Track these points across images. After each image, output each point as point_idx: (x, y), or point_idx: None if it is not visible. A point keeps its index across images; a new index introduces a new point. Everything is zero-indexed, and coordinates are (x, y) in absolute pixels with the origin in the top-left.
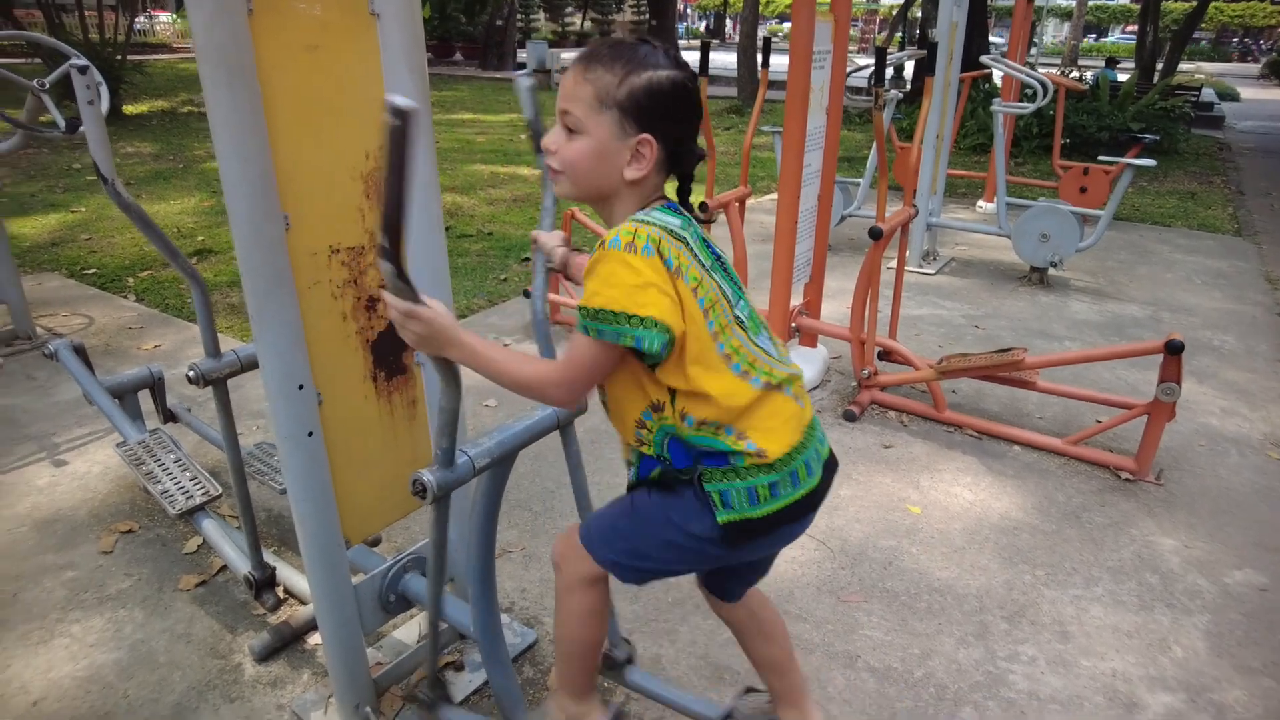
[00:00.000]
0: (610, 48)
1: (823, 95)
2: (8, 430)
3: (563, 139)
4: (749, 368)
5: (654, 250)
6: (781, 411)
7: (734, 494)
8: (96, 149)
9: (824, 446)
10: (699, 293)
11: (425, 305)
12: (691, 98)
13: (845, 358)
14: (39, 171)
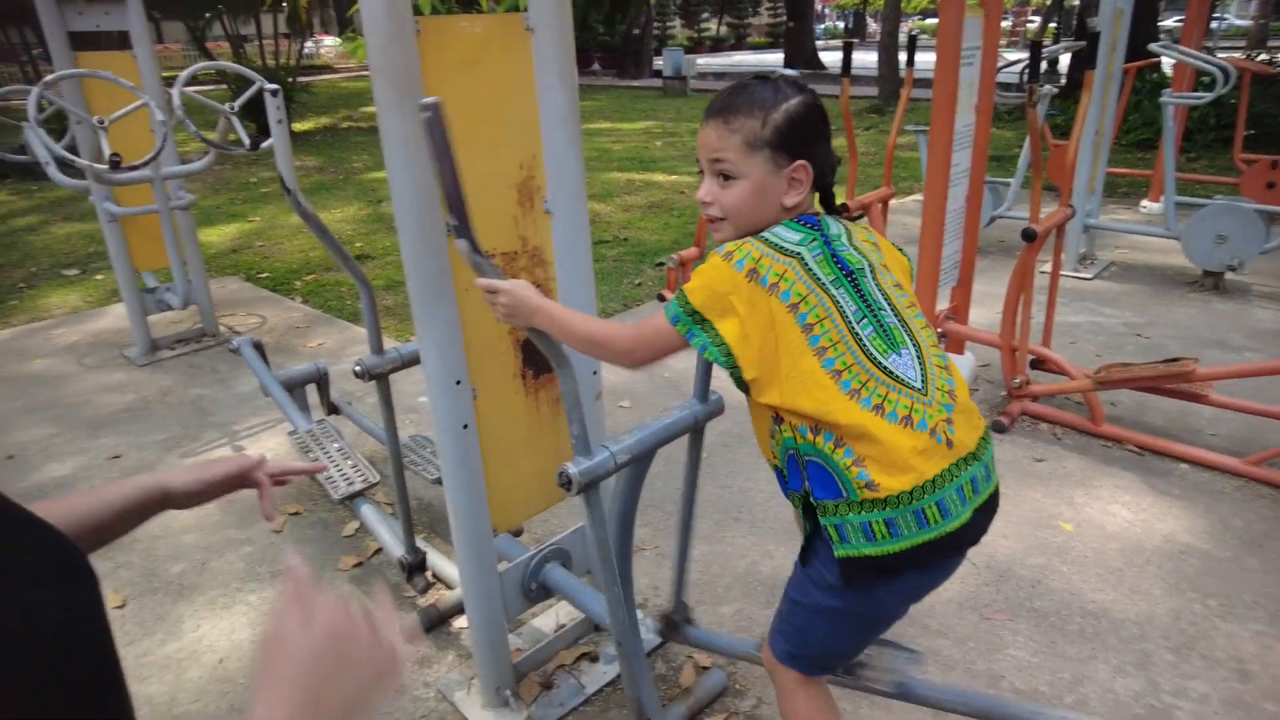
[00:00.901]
0: (743, 94)
1: (971, 93)
2: (197, 417)
3: (717, 189)
4: (860, 387)
5: (745, 266)
6: (905, 444)
7: (849, 529)
8: (282, 162)
9: (984, 486)
10: (800, 309)
11: (505, 280)
12: (822, 113)
13: (994, 366)
14: (223, 186)
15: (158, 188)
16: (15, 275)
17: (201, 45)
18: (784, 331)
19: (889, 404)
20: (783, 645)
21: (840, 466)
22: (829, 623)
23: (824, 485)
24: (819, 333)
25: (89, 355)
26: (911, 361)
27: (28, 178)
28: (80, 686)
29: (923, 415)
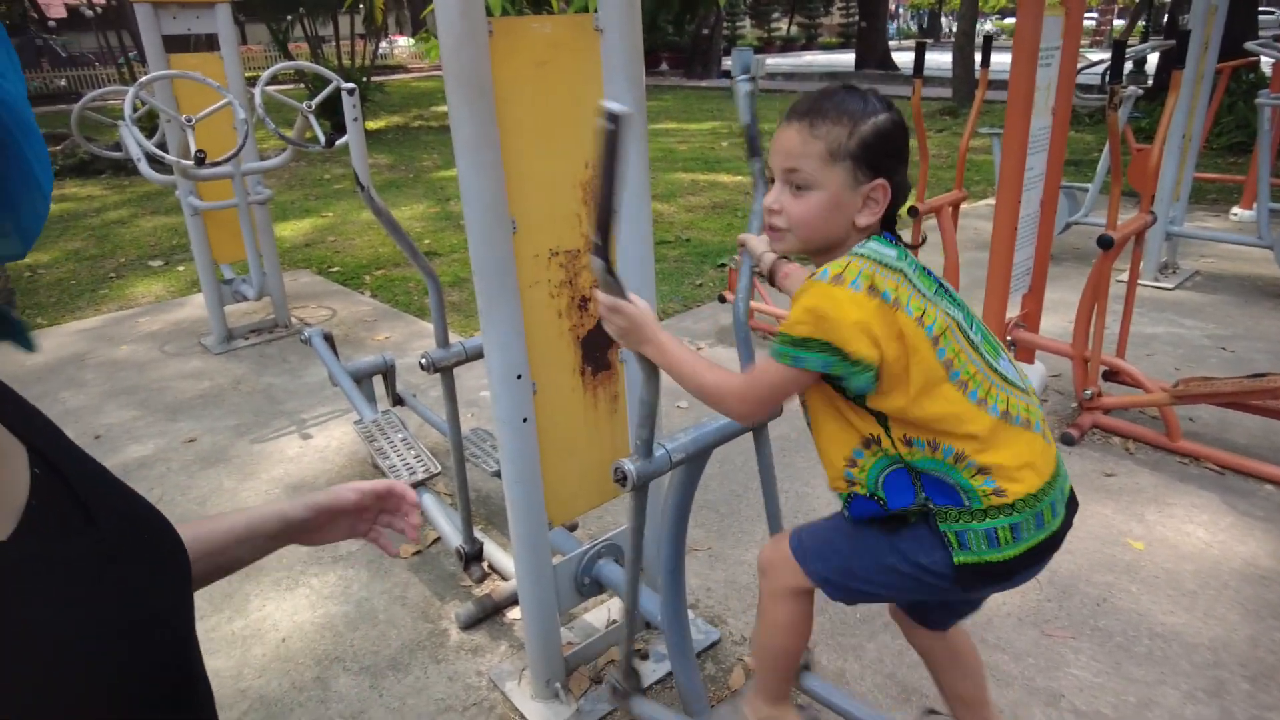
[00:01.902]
0: (830, 100)
1: (1049, 94)
2: (268, 406)
3: (788, 197)
4: (985, 395)
5: (863, 285)
6: (1027, 447)
7: (972, 536)
8: (357, 159)
9: (1067, 484)
10: (925, 320)
11: (630, 302)
12: (906, 134)
13: (1065, 376)
14: (298, 182)
15: (237, 183)
16: (107, 265)
17: (283, 46)
18: (915, 346)
19: (1012, 409)
20: (821, 569)
21: (964, 477)
22: (897, 581)
23: (944, 494)
24: (944, 344)
25: (170, 343)
26: (1010, 365)
27: (120, 173)
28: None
29: (1036, 417)
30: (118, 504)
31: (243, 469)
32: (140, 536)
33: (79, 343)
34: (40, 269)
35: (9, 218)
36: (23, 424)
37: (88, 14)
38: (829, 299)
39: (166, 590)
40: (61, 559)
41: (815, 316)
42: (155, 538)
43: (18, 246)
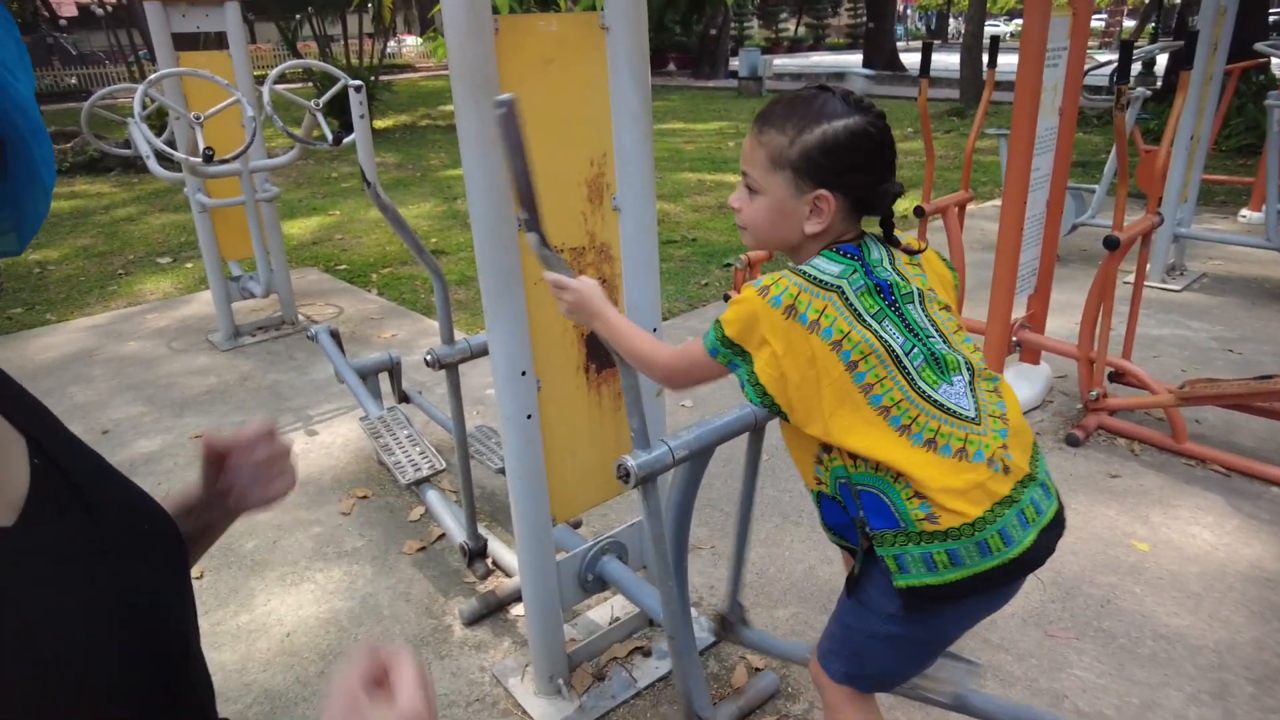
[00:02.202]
0: (785, 106)
1: (1056, 95)
2: (274, 402)
3: (745, 198)
4: (910, 423)
5: (782, 303)
6: (959, 477)
7: (909, 559)
8: (364, 156)
9: (1045, 506)
10: (843, 345)
11: (574, 277)
12: (874, 141)
13: (1071, 377)
14: (305, 180)
15: (245, 181)
16: (115, 262)
17: (291, 45)
18: (826, 369)
19: (941, 437)
20: (838, 666)
21: (900, 497)
22: (889, 647)
23: (880, 515)
24: (864, 369)
25: (177, 339)
26: (964, 389)
27: (130, 171)
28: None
29: (978, 445)
30: (114, 493)
31: None
32: (136, 525)
33: (88, 339)
34: (50, 265)
35: (11, 216)
36: (22, 415)
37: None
38: (749, 308)
39: (163, 577)
40: (60, 547)
41: (740, 321)
42: (151, 526)
43: (15, 244)
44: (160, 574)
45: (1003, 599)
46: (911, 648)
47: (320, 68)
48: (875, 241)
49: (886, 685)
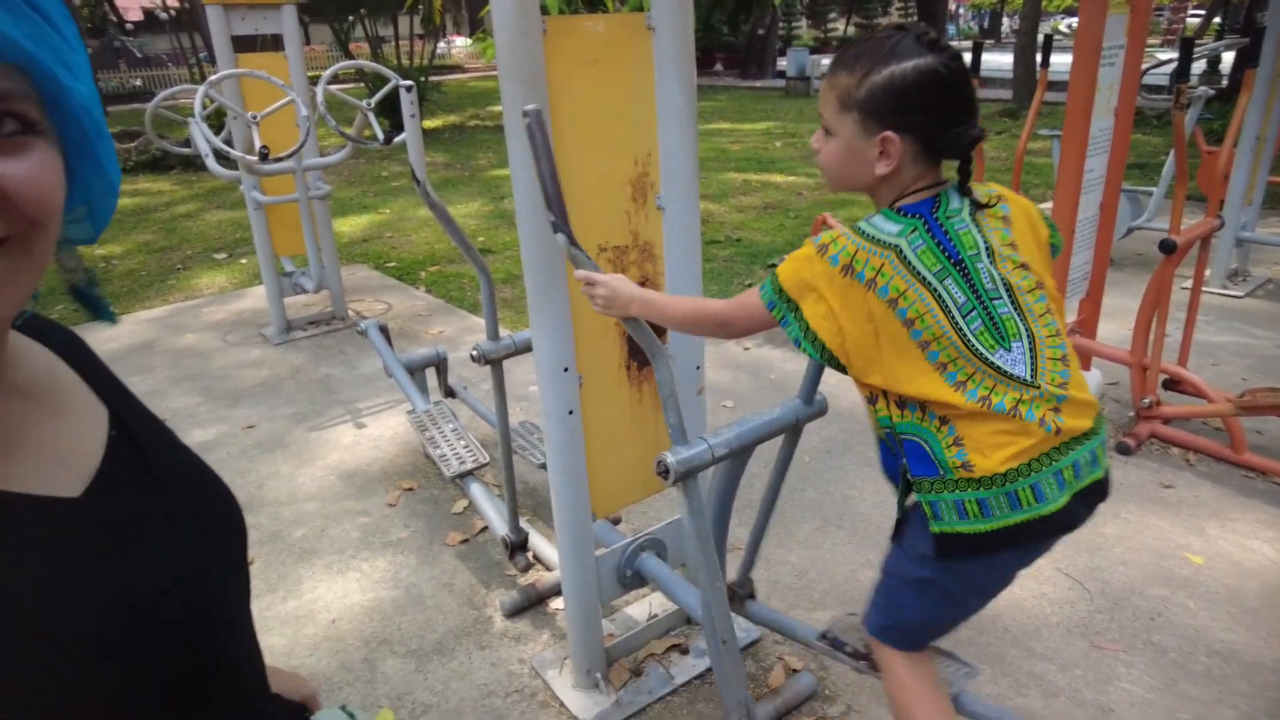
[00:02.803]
0: (856, 46)
1: (1111, 95)
2: (324, 395)
3: (822, 139)
4: (966, 379)
5: (840, 262)
6: (1004, 430)
7: (943, 506)
8: (414, 155)
9: (1087, 472)
10: (899, 304)
11: (602, 273)
12: (944, 82)
13: (1123, 384)
14: (357, 179)
15: (299, 179)
16: (174, 257)
17: (344, 46)
18: (884, 325)
19: (995, 395)
20: (875, 618)
21: (941, 445)
22: (918, 593)
23: (921, 462)
24: (920, 327)
25: (231, 332)
26: (1022, 356)
27: (189, 169)
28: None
29: (1028, 406)
30: (182, 468)
31: (299, 455)
32: (201, 500)
33: (148, 330)
34: (114, 260)
35: (82, 205)
36: (106, 389)
37: (162, 16)
38: (807, 265)
39: (222, 553)
40: (126, 517)
41: (797, 275)
42: (215, 503)
43: (89, 232)
44: (219, 550)
45: (1033, 556)
46: (940, 596)
47: (372, 68)
48: (956, 192)
49: (917, 640)
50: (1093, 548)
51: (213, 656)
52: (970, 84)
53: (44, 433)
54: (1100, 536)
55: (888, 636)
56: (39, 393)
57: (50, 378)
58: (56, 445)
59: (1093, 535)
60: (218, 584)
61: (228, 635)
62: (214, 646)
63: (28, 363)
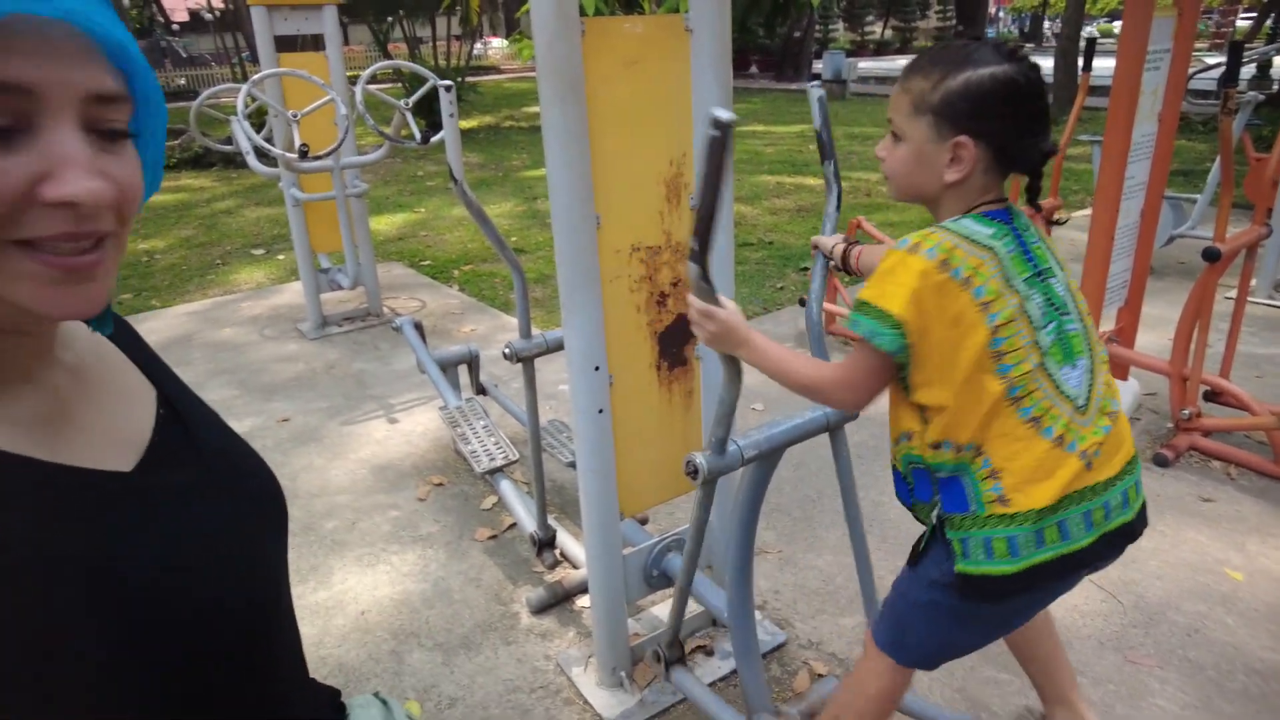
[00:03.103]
0: (933, 52)
1: (1156, 100)
2: (357, 390)
3: (889, 145)
4: (1025, 395)
5: (938, 256)
6: (1046, 460)
7: (972, 544)
8: (452, 154)
9: (1117, 514)
10: (992, 307)
11: (722, 307)
12: (1021, 91)
13: (1162, 395)
14: (394, 178)
15: (337, 176)
16: (214, 252)
17: (383, 46)
18: (970, 330)
19: (1049, 419)
20: (886, 633)
21: (976, 477)
22: (926, 618)
23: (955, 499)
24: (1004, 334)
25: (268, 327)
26: (1084, 375)
27: (230, 166)
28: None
29: (1075, 436)
30: (225, 446)
31: (332, 449)
32: (245, 477)
33: (187, 324)
34: (156, 254)
35: None
36: (153, 370)
37: (207, 17)
38: (900, 264)
39: (263, 528)
40: (175, 491)
41: (880, 282)
42: (260, 480)
43: None
44: (259, 525)
45: (1051, 596)
46: (949, 619)
47: (410, 68)
48: (1019, 211)
49: (922, 660)
50: (1127, 560)
51: (254, 631)
52: (1046, 97)
53: (95, 409)
54: (1135, 549)
55: (894, 651)
56: (90, 371)
57: (99, 357)
58: (108, 422)
59: (1130, 548)
60: (260, 559)
61: (269, 610)
62: (255, 620)
63: (78, 343)
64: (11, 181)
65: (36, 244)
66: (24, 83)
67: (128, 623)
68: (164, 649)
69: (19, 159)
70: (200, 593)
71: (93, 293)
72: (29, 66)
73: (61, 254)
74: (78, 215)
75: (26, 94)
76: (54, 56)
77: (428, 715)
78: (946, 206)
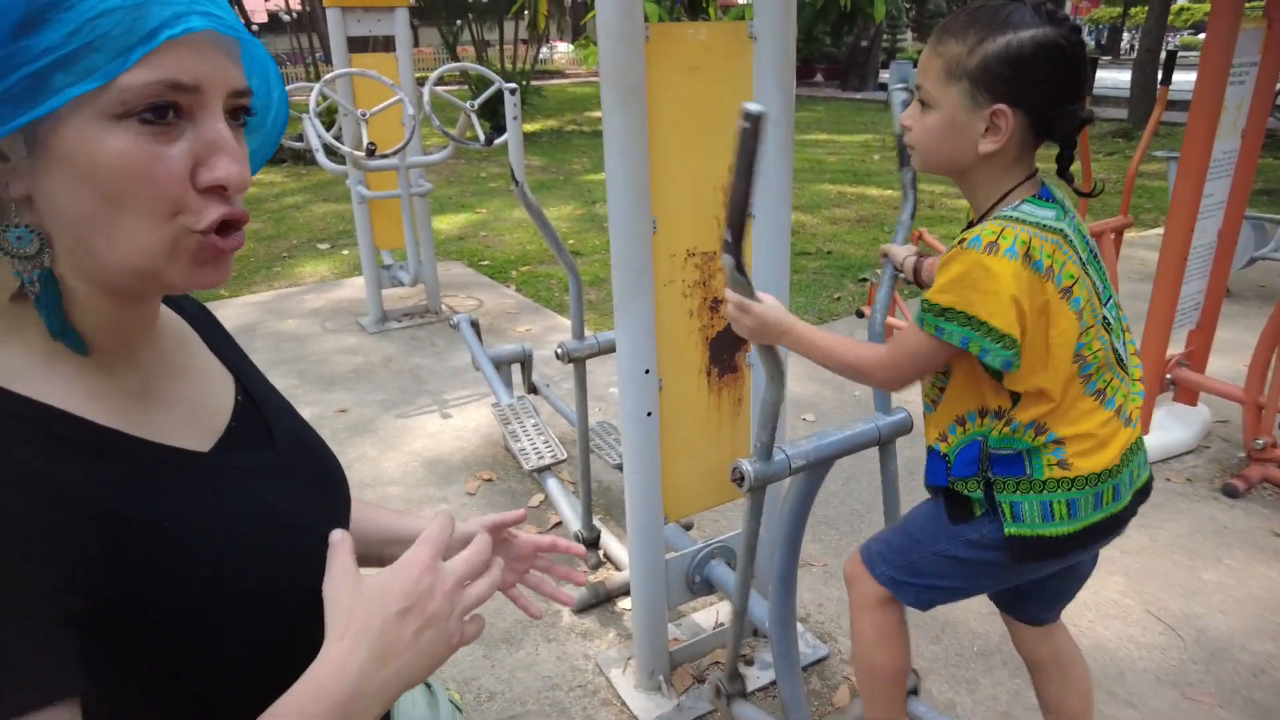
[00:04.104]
0: (968, 14)
1: (1239, 115)
2: (414, 384)
3: (917, 113)
4: (1094, 373)
5: (1019, 253)
6: (1105, 429)
7: (1027, 507)
8: (514, 156)
9: (1143, 471)
10: (1075, 292)
11: (758, 300)
12: (1064, 55)
13: (1234, 422)
14: (456, 178)
15: (402, 175)
16: (281, 246)
17: (451, 49)
18: (1056, 318)
19: (1110, 390)
20: (886, 570)
21: (1037, 446)
22: (952, 566)
23: (1007, 465)
24: (1086, 315)
25: (330, 320)
26: (1126, 344)
27: (299, 163)
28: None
29: (1123, 400)
30: (297, 433)
31: (386, 440)
32: (314, 463)
33: (253, 314)
34: None
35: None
36: (231, 358)
37: (285, 18)
38: (981, 269)
39: (327, 510)
40: (248, 471)
41: (962, 286)
42: (327, 466)
43: None
44: (323, 507)
45: (1092, 550)
46: (986, 577)
47: (477, 71)
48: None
49: (925, 602)
50: (1189, 592)
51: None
52: (1087, 62)
53: (179, 389)
54: (1198, 581)
55: (898, 589)
56: (175, 353)
57: (184, 342)
58: (190, 402)
59: (1188, 579)
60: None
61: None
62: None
63: (169, 329)
64: (177, 166)
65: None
66: (195, 82)
67: (188, 588)
68: (217, 621)
69: (181, 145)
70: (258, 569)
71: (228, 269)
72: (203, 66)
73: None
74: (229, 198)
75: (194, 91)
76: (213, 56)
77: (467, 708)
78: (976, 179)
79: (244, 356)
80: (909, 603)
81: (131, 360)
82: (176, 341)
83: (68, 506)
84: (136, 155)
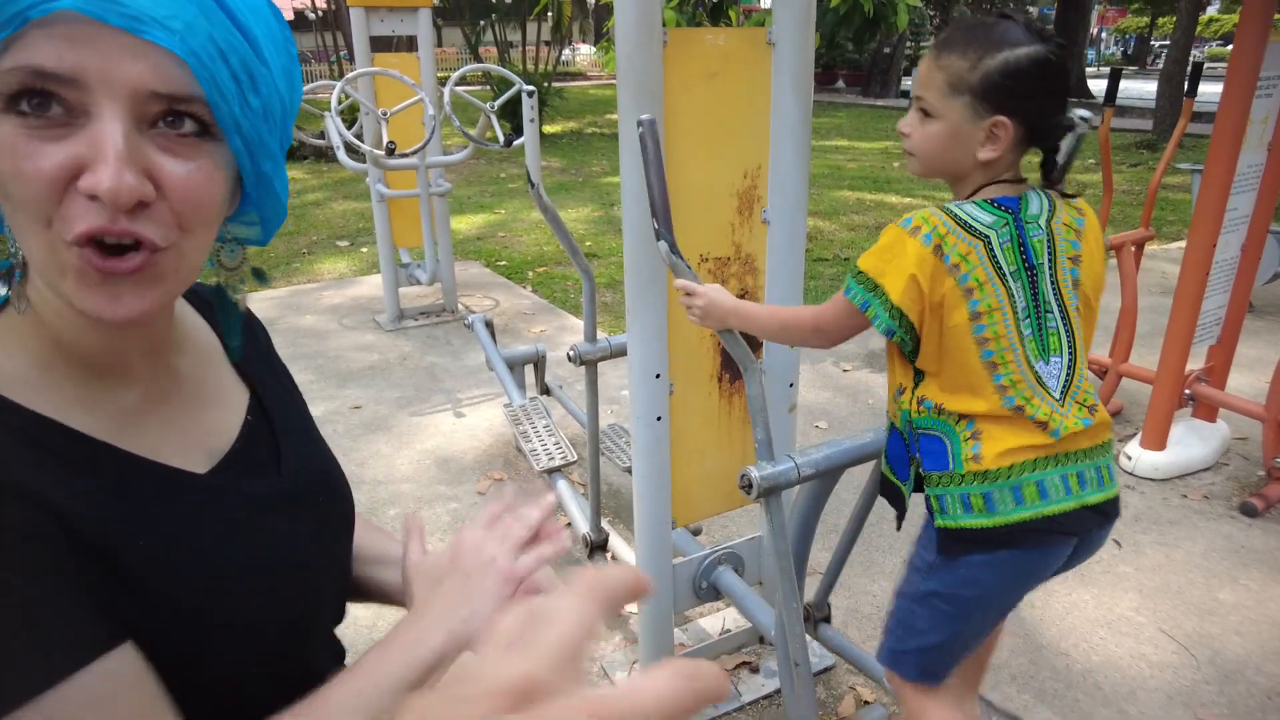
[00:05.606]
0: (965, 30)
1: (1266, 128)
2: (428, 382)
3: (917, 123)
4: (1010, 385)
5: (932, 242)
6: (1025, 436)
7: (949, 500)
8: (530, 158)
9: (1094, 488)
10: (974, 294)
11: (701, 284)
12: (1053, 70)
13: (1254, 440)
14: (475, 178)
15: (421, 174)
16: (300, 242)
17: (474, 50)
18: (950, 313)
19: (1031, 407)
20: (888, 645)
21: (959, 438)
22: (927, 610)
23: (934, 457)
24: (985, 322)
25: (347, 316)
26: (1059, 371)
27: (321, 160)
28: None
29: (1058, 423)
30: (306, 461)
31: (400, 438)
32: (316, 493)
33: (271, 309)
34: None
35: (256, 216)
36: (258, 368)
37: (310, 17)
38: (899, 243)
39: (326, 542)
40: (243, 497)
41: (878, 256)
42: (334, 498)
43: (261, 236)
44: (322, 542)
45: (1041, 561)
46: (946, 606)
47: (498, 72)
48: (1039, 194)
49: (928, 665)
50: (1204, 611)
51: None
52: (1070, 72)
53: (184, 411)
54: (1214, 601)
55: (900, 665)
56: (189, 378)
57: (204, 363)
58: (193, 423)
59: (1204, 599)
60: (313, 577)
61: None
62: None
63: (189, 345)
64: (47, 166)
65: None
66: (64, 72)
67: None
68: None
69: (63, 146)
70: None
71: (130, 301)
72: (83, 55)
73: (103, 253)
74: (111, 211)
75: (72, 83)
76: (103, 48)
77: None
78: (969, 183)
79: (280, 375)
80: (911, 678)
81: (132, 376)
82: (197, 360)
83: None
84: (6, 149)
